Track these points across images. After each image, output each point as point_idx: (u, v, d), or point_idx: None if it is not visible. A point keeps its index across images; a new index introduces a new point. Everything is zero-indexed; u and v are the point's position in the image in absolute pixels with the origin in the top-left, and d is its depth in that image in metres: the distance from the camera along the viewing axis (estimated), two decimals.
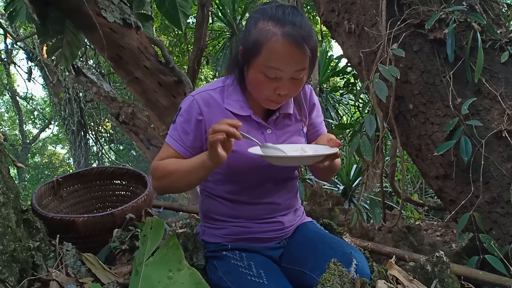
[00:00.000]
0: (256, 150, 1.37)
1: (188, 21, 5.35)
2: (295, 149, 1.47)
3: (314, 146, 1.49)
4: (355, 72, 5.53)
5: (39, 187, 2.46)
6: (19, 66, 15.41)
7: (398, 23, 2.56)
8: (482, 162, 2.33)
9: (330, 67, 7.37)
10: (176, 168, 1.45)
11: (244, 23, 9.81)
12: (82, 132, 12.50)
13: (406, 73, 2.58)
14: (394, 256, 2.00)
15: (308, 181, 5.60)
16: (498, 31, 2.44)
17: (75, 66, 6.97)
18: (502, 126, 2.32)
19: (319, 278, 1.26)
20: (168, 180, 1.48)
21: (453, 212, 2.51)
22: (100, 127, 14.32)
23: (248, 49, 1.39)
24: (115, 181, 2.77)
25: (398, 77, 2.46)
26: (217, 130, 1.26)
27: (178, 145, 1.51)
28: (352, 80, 5.88)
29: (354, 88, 5.92)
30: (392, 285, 1.37)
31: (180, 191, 1.59)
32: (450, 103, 2.43)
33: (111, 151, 15.75)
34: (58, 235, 1.85)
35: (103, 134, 14.84)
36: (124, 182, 2.76)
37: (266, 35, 1.33)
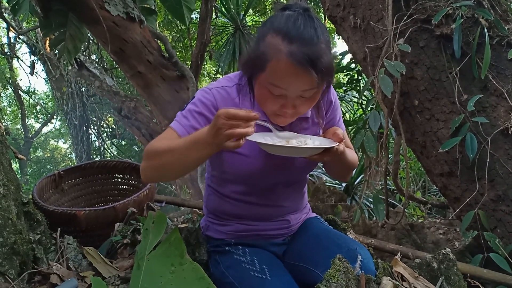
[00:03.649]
0: (254, 137, 1.25)
1: (191, 16, 5.32)
2: (300, 140, 1.38)
3: (319, 138, 1.42)
4: (359, 68, 5.50)
5: (41, 180, 2.44)
6: (22, 60, 15.43)
7: (405, 18, 2.53)
8: (488, 160, 2.30)
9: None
10: (170, 148, 1.28)
11: (247, 18, 9.79)
12: (84, 127, 12.52)
13: (411, 69, 2.55)
14: (399, 253, 1.98)
15: (310, 178, 5.58)
16: (506, 27, 2.42)
17: (78, 60, 6.97)
18: (509, 123, 2.30)
19: (324, 274, 1.24)
20: (159, 161, 1.31)
21: (457, 210, 2.49)
22: (102, 122, 14.33)
23: (254, 63, 1.30)
24: (117, 175, 2.76)
25: (404, 73, 2.44)
26: (236, 134, 1.13)
27: (183, 130, 1.36)
28: (356, 77, 5.83)
29: (358, 84, 5.88)
30: (397, 282, 1.35)
31: (170, 174, 1.40)
32: (456, 99, 2.40)
33: (113, 146, 15.73)
34: (59, 228, 1.84)
35: (105, 129, 14.85)
36: (126, 176, 2.75)
37: (271, 51, 1.23)
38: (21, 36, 11.55)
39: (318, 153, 1.32)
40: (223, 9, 8.75)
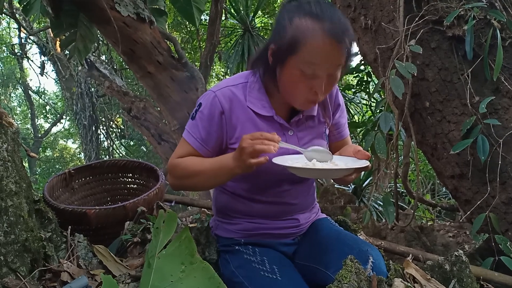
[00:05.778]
0: (281, 160, 1.32)
1: (201, 17, 5.34)
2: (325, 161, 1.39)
3: (342, 158, 1.42)
4: (368, 70, 5.48)
5: (51, 178, 2.46)
6: (32, 61, 15.55)
7: (416, 19, 2.52)
8: (500, 162, 2.28)
9: None
10: (199, 170, 1.41)
11: (257, 20, 9.78)
12: (94, 127, 12.59)
13: (423, 70, 2.54)
14: (411, 255, 1.97)
15: (318, 179, 5.57)
16: None
17: (88, 60, 7.01)
18: None
19: (335, 275, 1.23)
20: (191, 181, 1.46)
21: (468, 213, 2.46)
22: (111, 122, 14.39)
23: (284, 48, 1.31)
24: (127, 174, 2.77)
25: (415, 74, 2.42)
26: (258, 149, 1.21)
27: (198, 144, 1.45)
28: (365, 79, 5.82)
29: (367, 86, 5.87)
30: (409, 284, 1.34)
31: (201, 190, 1.54)
32: (468, 101, 2.39)
33: (121, 146, 15.81)
34: (69, 227, 1.84)
35: (114, 129, 14.91)
36: (136, 175, 2.75)
37: (305, 32, 1.26)
38: (31, 37, 11.65)
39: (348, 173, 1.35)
40: (232, 10, 8.75)
